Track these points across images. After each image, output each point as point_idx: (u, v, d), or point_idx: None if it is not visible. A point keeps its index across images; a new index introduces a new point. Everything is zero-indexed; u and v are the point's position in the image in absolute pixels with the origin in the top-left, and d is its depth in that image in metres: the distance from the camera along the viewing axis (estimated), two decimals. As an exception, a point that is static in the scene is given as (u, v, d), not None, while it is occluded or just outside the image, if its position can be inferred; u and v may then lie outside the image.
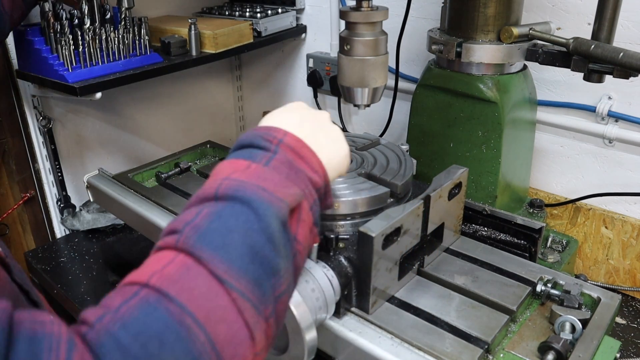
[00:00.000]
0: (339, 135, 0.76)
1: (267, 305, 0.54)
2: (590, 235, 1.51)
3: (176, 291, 0.49)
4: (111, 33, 1.48)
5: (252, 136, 0.67)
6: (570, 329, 0.87)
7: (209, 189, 0.59)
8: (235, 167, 0.62)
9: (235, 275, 0.52)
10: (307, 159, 0.66)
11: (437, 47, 1.29)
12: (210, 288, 0.51)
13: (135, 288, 0.50)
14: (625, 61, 1.01)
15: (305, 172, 0.65)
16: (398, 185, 0.97)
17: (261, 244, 0.55)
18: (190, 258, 0.52)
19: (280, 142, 0.65)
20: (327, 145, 0.72)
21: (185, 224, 0.55)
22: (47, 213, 1.83)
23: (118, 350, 0.45)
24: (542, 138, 1.54)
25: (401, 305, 0.92)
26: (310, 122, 0.72)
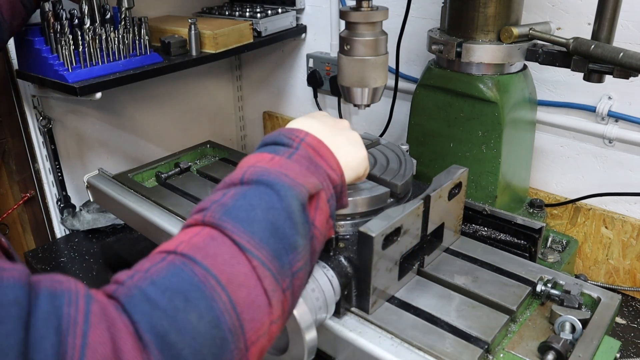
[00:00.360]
0: (357, 140, 0.82)
1: (285, 277, 0.58)
2: (590, 235, 1.51)
3: (202, 256, 0.54)
4: (111, 33, 1.48)
5: (276, 135, 0.72)
6: (570, 329, 0.87)
7: (236, 176, 0.65)
8: (259, 158, 0.67)
9: (257, 245, 0.56)
10: (326, 157, 0.72)
11: (437, 47, 1.29)
12: (233, 255, 0.55)
13: (163, 254, 0.55)
14: (625, 61, 1.01)
15: (323, 167, 0.70)
16: (398, 185, 0.97)
17: (282, 221, 0.60)
18: (216, 230, 0.57)
19: (302, 140, 0.71)
20: (345, 147, 0.78)
21: (212, 202, 0.61)
22: (47, 213, 1.83)
23: (147, 302, 0.49)
24: (542, 138, 1.54)
25: (401, 305, 0.92)
26: (330, 127, 0.79)
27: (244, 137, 2.47)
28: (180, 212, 1.21)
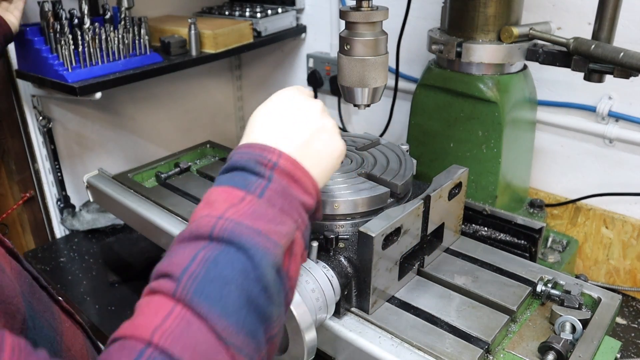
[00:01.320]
0: (332, 134, 0.74)
1: (261, 350, 0.56)
2: (591, 236, 1.51)
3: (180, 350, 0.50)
4: (111, 33, 1.48)
5: (246, 159, 0.65)
6: (570, 329, 0.86)
7: (204, 227, 0.59)
8: (230, 199, 0.61)
9: (234, 332, 0.53)
10: (302, 182, 0.66)
11: (437, 47, 1.28)
12: (211, 345, 0.52)
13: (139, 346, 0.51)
14: (626, 61, 1.01)
15: (298, 198, 0.65)
16: (398, 185, 0.97)
17: (256, 293, 0.56)
18: (190, 311, 0.53)
19: (274, 166, 0.65)
20: (322, 158, 0.71)
21: (183, 272, 0.56)
22: (47, 213, 1.83)
23: None
24: (542, 138, 1.54)
25: (401, 305, 0.92)
26: (303, 129, 0.71)
27: (244, 137, 2.46)
28: (180, 212, 1.21)
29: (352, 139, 1.17)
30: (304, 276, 0.81)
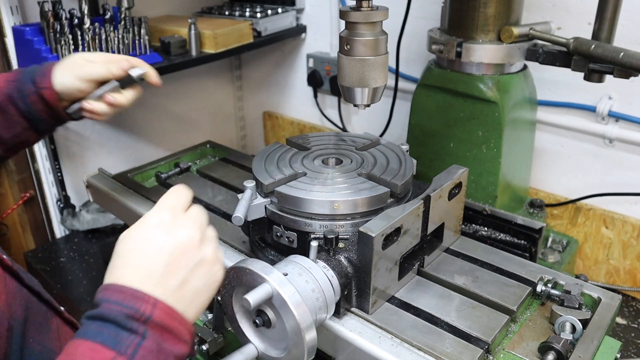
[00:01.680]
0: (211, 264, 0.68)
1: None
2: (591, 235, 1.51)
3: None
4: (111, 33, 1.48)
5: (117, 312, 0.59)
6: (570, 329, 0.86)
7: None
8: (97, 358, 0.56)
9: None
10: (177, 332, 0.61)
11: (437, 47, 1.28)
12: None
13: None
14: (626, 61, 1.01)
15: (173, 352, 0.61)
16: (398, 185, 0.97)
17: None
18: None
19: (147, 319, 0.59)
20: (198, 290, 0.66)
21: None
22: (47, 213, 1.83)
23: None
24: (542, 138, 1.54)
25: (401, 305, 0.92)
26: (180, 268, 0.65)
27: (243, 137, 2.47)
28: (180, 212, 1.21)
29: (352, 139, 1.17)
30: (303, 276, 0.81)
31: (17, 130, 0.98)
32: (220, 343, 1.10)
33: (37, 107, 0.96)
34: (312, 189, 0.95)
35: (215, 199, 1.28)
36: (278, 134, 2.28)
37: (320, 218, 0.93)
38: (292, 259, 0.85)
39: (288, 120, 2.22)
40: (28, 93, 0.96)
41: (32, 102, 0.96)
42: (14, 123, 0.97)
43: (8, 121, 0.97)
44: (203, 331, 1.10)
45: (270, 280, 0.74)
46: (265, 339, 0.81)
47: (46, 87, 0.95)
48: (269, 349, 0.81)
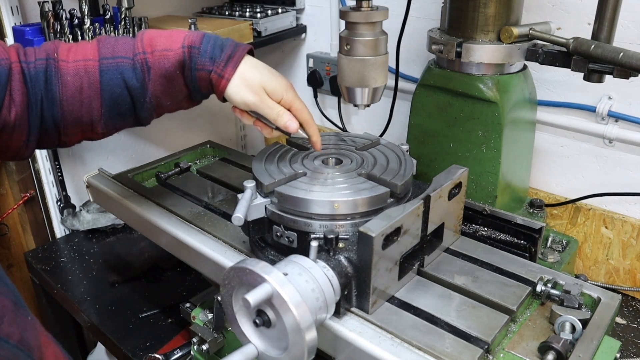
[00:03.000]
0: None
1: None
2: (590, 235, 1.51)
3: None
4: (111, 33, 1.48)
5: None
6: (570, 329, 0.87)
7: None
8: None
9: None
10: None
11: (437, 47, 1.29)
12: None
13: None
14: (625, 61, 1.01)
15: None
16: (398, 185, 0.97)
17: None
18: None
19: None
20: None
21: None
22: (47, 213, 1.83)
23: None
24: (542, 138, 1.54)
25: (401, 305, 0.92)
26: None
27: (244, 137, 2.47)
28: (180, 212, 1.21)
29: (352, 139, 1.17)
30: (303, 276, 0.81)
31: (179, 98, 0.96)
32: (220, 343, 1.10)
33: (202, 83, 0.94)
34: (312, 189, 0.95)
35: (215, 199, 1.28)
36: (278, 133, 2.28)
37: (320, 218, 0.93)
38: (292, 259, 0.85)
39: (288, 120, 2.22)
40: (200, 68, 0.92)
41: (199, 78, 0.93)
42: (177, 92, 0.95)
43: (173, 90, 0.94)
44: (203, 331, 1.10)
45: (270, 280, 0.74)
46: (265, 339, 0.82)
47: (225, 77, 0.93)
48: (269, 349, 0.81)
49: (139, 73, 0.90)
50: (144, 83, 0.91)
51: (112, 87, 0.90)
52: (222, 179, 1.38)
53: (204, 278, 1.27)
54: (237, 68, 0.93)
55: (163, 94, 0.93)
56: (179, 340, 1.40)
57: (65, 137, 0.93)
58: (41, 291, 1.75)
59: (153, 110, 0.95)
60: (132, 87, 0.90)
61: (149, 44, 0.92)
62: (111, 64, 0.90)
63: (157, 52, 0.91)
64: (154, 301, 1.53)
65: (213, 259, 1.07)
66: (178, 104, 0.98)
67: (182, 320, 1.31)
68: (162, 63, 0.91)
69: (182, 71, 0.93)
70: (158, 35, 0.93)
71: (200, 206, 1.25)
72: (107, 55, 0.90)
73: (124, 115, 0.94)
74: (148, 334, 1.42)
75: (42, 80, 0.87)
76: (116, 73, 0.89)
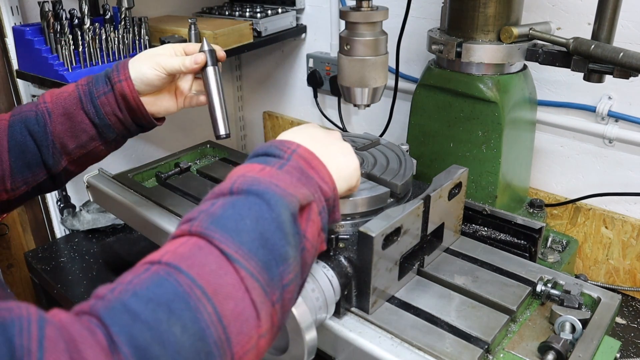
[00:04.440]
0: (349, 150, 0.81)
1: (275, 289, 0.57)
2: (590, 235, 1.51)
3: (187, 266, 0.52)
4: (111, 33, 1.48)
5: (267, 146, 0.71)
6: (570, 329, 0.87)
7: (225, 186, 0.63)
8: (250, 169, 0.66)
9: (246, 256, 0.55)
10: (318, 169, 0.70)
11: (437, 47, 1.29)
12: (220, 265, 0.54)
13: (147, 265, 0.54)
14: (626, 61, 1.01)
15: (315, 179, 0.69)
16: (398, 185, 0.97)
17: (272, 231, 0.58)
18: (203, 239, 0.56)
19: (293, 152, 0.69)
20: (337, 158, 0.77)
21: (200, 212, 0.59)
22: (47, 213, 1.83)
23: (128, 313, 0.48)
24: (542, 138, 1.54)
25: (401, 305, 0.92)
26: (322, 139, 0.78)
27: (244, 137, 2.47)
28: (180, 212, 1.21)
29: (352, 139, 1.17)
30: (304, 276, 0.81)
31: (83, 138, 0.96)
32: (221, 343, 1.10)
33: (107, 109, 0.95)
34: (312, 189, 0.95)
35: (216, 199, 1.27)
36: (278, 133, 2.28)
37: (320, 218, 0.93)
38: (292, 259, 0.85)
39: (288, 120, 2.22)
40: (99, 94, 0.94)
41: (101, 104, 0.94)
42: (80, 131, 0.95)
43: (75, 128, 0.94)
44: (203, 331, 1.10)
45: (271, 280, 0.74)
46: (265, 338, 0.81)
47: (123, 78, 0.94)
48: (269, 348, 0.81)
49: (40, 119, 0.93)
50: (45, 127, 0.93)
51: (16, 136, 0.92)
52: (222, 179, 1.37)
53: (204, 278, 1.26)
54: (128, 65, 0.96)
55: (65, 134, 0.94)
56: (179, 340, 1.39)
57: None
58: (41, 291, 1.75)
59: (59, 156, 0.95)
60: (35, 132, 0.93)
61: (49, 95, 0.96)
62: (17, 117, 0.94)
63: (54, 97, 0.95)
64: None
65: (213, 259, 1.07)
66: (85, 146, 0.97)
67: (182, 320, 1.31)
68: (60, 103, 0.94)
69: (82, 106, 0.94)
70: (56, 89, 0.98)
71: (200, 206, 1.25)
72: (15, 112, 0.95)
73: (31, 166, 0.94)
74: (148, 334, 1.42)
75: None
76: (20, 123, 0.93)
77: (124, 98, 0.95)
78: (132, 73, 0.95)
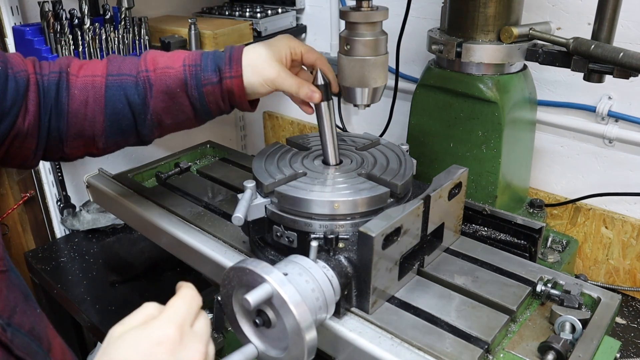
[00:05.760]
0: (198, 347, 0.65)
1: None
2: (590, 235, 1.51)
3: None
4: (111, 33, 1.48)
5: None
6: (570, 329, 0.87)
7: None
8: None
9: None
10: None
11: (437, 47, 1.29)
12: None
13: None
14: (625, 61, 1.01)
15: None
16: (398, 185, 0.97)
17: None
18: None
19: None
20: None
21: None
22: (47, 213, 1.83)
23: None
24: (542, 138, 1.54)
25: (401, 305, 0.92)
26: None
27: (244, 137, 2.46)
28: (180, 212, 1.21)
29: (352, 139, 1.17)
30: (303, 276, 0.81)
31: (181, 117, 0.96)
32: (220, 343, 1.10)
33: (210, 98, 0.94)
34: (312, 189, 0.95)
35: (215, 199, 1.28)
36: (278, 134, 2.28)
37: (320, 218, 0.93)
38: (292, 259, 0.85)
39: (288, 120, 2.22)
40: (206, 82, 0.93)
41: (206, 93, 0.93)
42: (179, 111, 0.95)
43: (175, 108, 0.94)
44: (203, 331, 1.10)
45: (270, 280, 0.74)
46: (265, 339, 0.82)
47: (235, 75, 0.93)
48: (269, 349, 0.81)
49: (140, 90, 0.92)
50: (145, 99, 0.92)
51: (114, 102, 0.91)
52: (222, 179, 1.38)
53: (204, 278, 1.27)
54: (241, 62, 0.94)
55: (164, 111, 0.94)
56: (179, 340, 1.39)
57: (68, 149, 0.95)
58: (41, 291, 1.75)
59: (154, 127, 0.96)
60: (134, 103, 0.92)
61: (151, 62, 0.93)
62: (116, 80, 0.92)
63: (159, 70, 0.92)
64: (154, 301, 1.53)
65: (213, 259, 1.07)
66: (180, 123, 0.98)
67: (182, 320, 1.31)
68: (164, 80, 0.92)
69: (185, 90, 0.93)
70: (160, 55, 0.95)
71: (200, 206, 1.25)
72: (113, 72, 0.93)
73: (125, 132, 0.95)
74: (148, 334, 1.42)
75: (54, 91, 0.90)
76: (119, 89, 0.91)
77: (230, 94, 0.94)
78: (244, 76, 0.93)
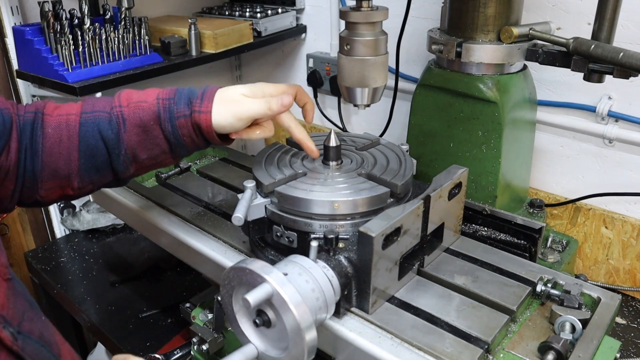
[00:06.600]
0: None
1: None
2: (590, 235, 1.51)
3: None
4: (111, 33, 1.48)
5: None
6: (570, 329, 0.87)
7: None
8: None
9: None
10: None
11: (437, 47, 1.29)
12: None
13: None
14: (625, 61, 1.01)
15: None
16: (398, 185, 0.97)
17: None
18: None
19: None
20: None
21: None
22: (47, 213, 1.83)
23: None
24: (542, 138, 1.54)
25: (401, 305, 0.92)
26: None
27: (244, 137, 2.46)
28: (180, 212, 1.21)
29: (352, 139, 1.17)
30: (303, 276, 0.81)
31: (156, 152, 0.95)
32: (220, 343, 1.10)
33: (184, 131, 0.93)
34: (312, 189, 0.95)
35: (215, 199, 1.28)
36: (278, 134, 2.28)
37: (320, 218, 0.93)
38: (292, 259, 0.85)
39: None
40: (179, 115, 0.92)
41: (179, 126, 0.92)
42: (154, 145, 0.94)
43: (150, 142, 0.93)
44: (203, 331, 1.10)
45: (270, 280, 0.74)
46: (265, 339, 0.82)
47: (205, 111, 0.91)
48: (269, 349, 0.81)
49: (114, 125, 0.92)
50: (119, 134, 0.92)
51: (88, 138, 0.91)
52: (222, 179, 1.38)
53: (204, 278, 1.27)
54: (213, 99, 0.93)
55: (139, 145, 0.93)
56: (179, 340, 1.40)
57: (43, 191, 0.93)
58: (41, 291, 1.75)
59: (129, 163, 0.95)
60: (108, 139, 0.92)
61: (125, 98, 0.94)
62: (89, 117, 0.92)
63: (132, 104, 0.93)
64: (154, 301, 1.53)
65: (213, 259, 1.07)
66: (156, 157, 0.96)
67: (182, 320, 1.31)
68: (137, 113, 0.92)
69: (159, 122, 0.93)
70: (135, 92, 0.96)
71: (200, 206, 1.25)
72: (87, 110, 0.93)
73: (99, 169, 0.94)
74: (148, 334, 1.42)
75: (29, 131, 0.90)
76: (93, 125, 0.91)
77: (199, 128, 0.93)
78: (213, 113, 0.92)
